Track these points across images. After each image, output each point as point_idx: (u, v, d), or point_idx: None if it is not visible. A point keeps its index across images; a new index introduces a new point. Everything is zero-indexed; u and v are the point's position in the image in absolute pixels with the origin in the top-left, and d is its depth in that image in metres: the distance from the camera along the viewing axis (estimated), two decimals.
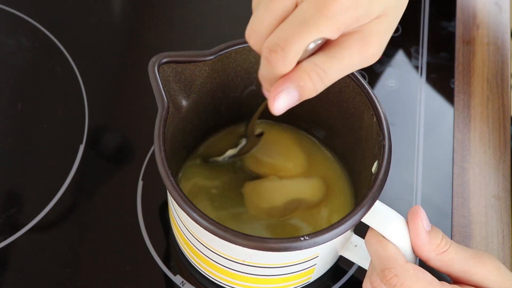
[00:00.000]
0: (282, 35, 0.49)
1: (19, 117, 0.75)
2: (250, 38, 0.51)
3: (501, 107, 0.78)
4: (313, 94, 0.51)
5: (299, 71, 0.50)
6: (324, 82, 0.50)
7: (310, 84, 0.50)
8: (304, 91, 0.50)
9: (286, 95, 0.50)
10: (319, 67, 0.50)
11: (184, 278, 0.67)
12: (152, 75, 0.58)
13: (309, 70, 0.50)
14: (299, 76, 0.50)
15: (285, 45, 0.48)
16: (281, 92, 0.50)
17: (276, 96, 0.50)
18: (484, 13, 0.85)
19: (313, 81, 0.50)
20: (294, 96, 0.50)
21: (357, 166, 0.64)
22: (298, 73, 0.50)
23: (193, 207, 0.54)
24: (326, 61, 0.50)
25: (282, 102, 0.51)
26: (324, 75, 0.50)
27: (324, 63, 0.50)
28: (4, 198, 0.71)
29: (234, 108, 0.67)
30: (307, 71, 0.50)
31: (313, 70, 0.50)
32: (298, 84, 0.50)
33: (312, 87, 0.50)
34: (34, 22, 0.81)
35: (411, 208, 0.57)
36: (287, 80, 0.50)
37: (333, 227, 0.54)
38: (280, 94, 0.50)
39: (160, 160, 0.56)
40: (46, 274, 0.67)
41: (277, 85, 0.50)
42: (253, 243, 0.53)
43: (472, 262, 0.56)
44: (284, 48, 0.48)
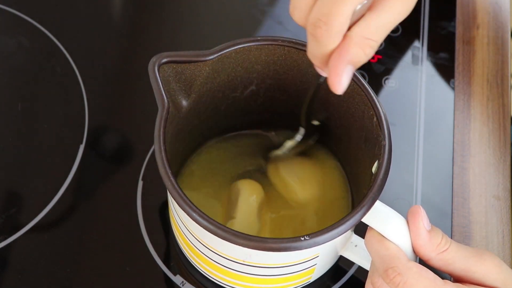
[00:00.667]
0: (323, 9, 0.49)
1: (19, 117, 0.75)
2: (294, 15, 0.52)
3: (501, 107, 0.78)
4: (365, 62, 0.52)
5: (354, 48, 0.50)
6: (375, 49, 0.51)
7: (364, 56, 0.51)
8: (359, 63, 0.51)
9: (347, 74, 0.51)
10: (370, 39, 0.50)
11: (184, 278, 0.67)
12: (152, 75, 0.58)
13: (363, 45, 0.50)
14: (355, 54, 0.50)
15: (327, 19, 0.49)
16: (343, 73, 0.51)
17: (340, 79, 0.51)
18: (484, 13, 0.85)
19: (366, 52, 0.51)
20: (352, 70, 0.51)
21: (357, 166, 0.64)
22: (353, 49, 0.50)
23: (194, 207, 0.54)
24: (375, 31, 0.50)
25: (345, 81, 0.51)
26: (375, 45, 0.51)
27: (374, 34, 0.50)
28: (4, 198, 0.71)
29: (234, 108, 0.67)
30: (361, 46, 0.50)
31: (366, 44, 0.50)
32: (353, 61, 0.50)
33: (365, 58, 0.51)
34: (34, 22, 0.81)
35: (411, 207, 0.57)
36: (343, 60, 0.50)
37: (333, 227, 0.54)
38: (342, 76, 0.51)
39: (161, 160, 0.56)
40: (46, 274, 0.67)
41: (336, 67, 0.51)
42: (253, 243, 0.53)
43: (473, 260, 0.56)
44: (327, 23, 0.49)
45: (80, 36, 0.81)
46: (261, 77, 0.64)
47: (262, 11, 0.84)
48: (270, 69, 0.64)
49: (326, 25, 0.49)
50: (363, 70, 0.79)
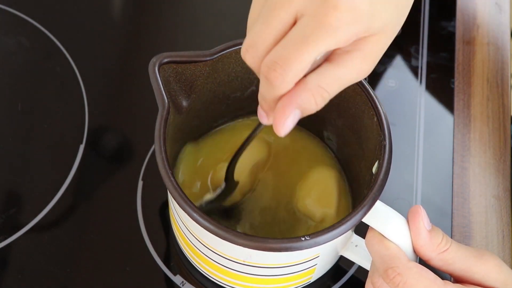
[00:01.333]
0: (282, 53, 0.47)
1: (19, 117, 0.75)
2: (247, 55, 0.50)
3: (501, 107, 0.78)
4: (313, 112, 0.50)
5: (305, 94, 0.49)
6: (325, 101, 0.50)
7: (314, 105, 0.49)
8: (307, 111, 0.50)
9: (292, 118, 0.50)
10: (324, 89, 0.49)
11: (184, 278, 0.67)
12: (152, 75, 0.58)
13: (315, 92, 0.49)
14: (306, 100, 0.49)
15: (284, 64, 0.47)
16: (289, 116, 0.49)
17: (284, 122, 0.50)
18: (484, 13, 0.85)
19: (317, 101, 0.49)
20: (298, 116, 0.50)
21: (358, 166, 0.64)
22: (304, 95, 0.49)
23: (194, 208, 0.54)
24: (330, 82, 0.49)
25: (289, 125, 0.50)
26: (327, 96, 0.50)
27: (328, 84, 0.49)
28: (4, 198, 0.71)
29: (234, 109, 0.67)
30: (313, 93, 0.49)
31: (318, 93, 0.49)
32: (302, 107, 0.49)
33: (315, 107, 0.50)
34: (34, 22, 0.81)
35: (411, 207, 0.57)
36: (293, 104, 0.49)
37: (334, 227, 0.54)
38: (288, 119, 0.49)
39: (161, 160, 0.55)
40: (46, 274, 0.67)
41: (283, 110, 0.49)
42: (253, 243, 0.53)
43: (473, 260, 0.56)
44: (284, 67, 0.47)
45: (80, 36, 0.81)
46: None
47: None
48: None
49: (282, 69, 0.47)
50: None
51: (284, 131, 0.50)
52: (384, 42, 0.50)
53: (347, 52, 0.49)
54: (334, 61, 0.49)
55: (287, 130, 0.50)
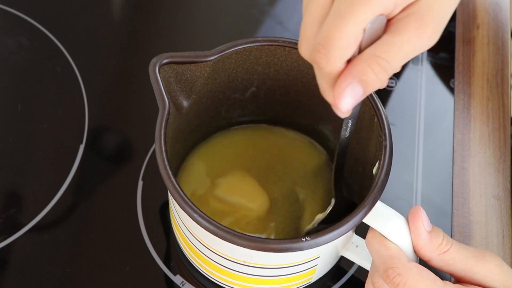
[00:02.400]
0: (322, 34, 0.46)
1: (19, 117, 0.75)
2: (301, 49, 0.49)
3: (501, 107, 0.78)
4: (378, 87, 0.48)
5: (360, 65, 0.47)
6: (387, 71, 0.47)
7: (374, 76, 0.47)
8: (368, 84, 0.47)
9: (351, 92, 0.47)
10: (380, 58, 0.47)
11: (184, 278, 0.67)
12: (153, 75, 0.58)
13: (371, 62, 0.47)
14: (361, 70, 0.47)
15: (325, 43, 0.46)
16: (345, 89, 0.47)
17: (340, 95, 0.47)
18: (484, 13, 0.85)
19: (376, 72, 0.47)
20: (359, 91, 0.47)
21: (359, 166, 0.64)
22: (359, 66, 0.47)
23: (195, 208, 0.54)
24: (386, 50, 0.47)
25: (347, 101, 0.48)
26: (386, 65, 0.47)
27: (384, 52, 0.47)
28: (4, 198, 0.71)
29: (235, 110, 0.67)
30: (369, 63, 0.47)
31: (375, 62, 0.47)
32: (361, 79, 0.47)
33: (376, 79, 0.47)
34: (34, 22, 0.81)
35: (411, 208, 0.57)
36: (348, 75, 0.47)
37: (335, 228, 0.54)
38: (344, 92, 0.47)
39: (162, 161, 0.55)
40: (46, 274, 0.67)
41: (339, 82, 0.47)
42: (254, 244, 0.53)
43: (474, 260, 0.56)
44: (325, 46, 0.46)
45: (80, 36, 0.81)
46: (261, 78, 0.64)
47: (262, 11, 0.84)
48: (271, 70, 0.64)
49: (325, 48, 0.46)
50: None
51: (342, 106, 0.48)
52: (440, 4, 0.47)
53: (401, 19, 0.47)
54: (390, 30, 0.47)
55: (345, 106, 0.48)
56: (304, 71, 0.63)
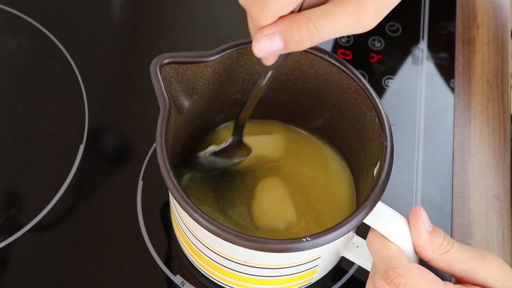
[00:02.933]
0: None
1: (19, 117, 0.75)
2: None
3: (501, 107, 0.78)
4: (299, 48, 0.49)
5: (288, 20, 0.48)
6: (312, 38, 0.49)
7: (297, 36, 0.48)
8: (289, 41, 0.49)
9: (270, 40, 0.49)
10: (310, 21, 0.48)
11: (184, 278, 0.67)
12: (154, 75, 0.58)
13: (300, 23, 0.48)
14: (287, 25, 0.48)
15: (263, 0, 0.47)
16: (264, 37, 0.49)
17: (258, 39, 0.49)
18: (484, 13, 0.85)
19: (301, 34, 0.48)
20: (279, 44, 0.49)
21: (359, 167, 0.64)
22: (287, 21, 0.48)
23: (195, 208, 0.54)
24: (319, 17, 0.48)
25: (264, 46, 0.49)
26: (314, 31, 0.48)
27: (317, 18, 0.48)
28: (4, 198, 0.71)
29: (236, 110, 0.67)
30: (297, 23, 0.48)
31: (303, 23, 0.48)
32: (284, 33, 0.48)
33: (299, 40, 0.49)
34: (34, 22, 0.81)
35: (412, 208, 0.57)
36: (274, 26, 0.48)
37: (335, 228, 0.54)
38: (264, 38, 0.49)
39: (162, 161, 0.55)
40: (46, 274, 0.67)
41: (264, 29, 0.49)
42: (255, 244, 0.53)
43: (475, 261, 0.56)
44: (263, 2, 0.47)
45: (80, 36, 0.81)
46: None
47: None
48: None
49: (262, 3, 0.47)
50: (363, 70, 0.79)
51: (258, 50, 0.49)
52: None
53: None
54: (331, 1, 0.49)
55: (260, 51, 0.49)
56: (305, 71, 0.63)
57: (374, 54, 0.81)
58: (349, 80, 0.61)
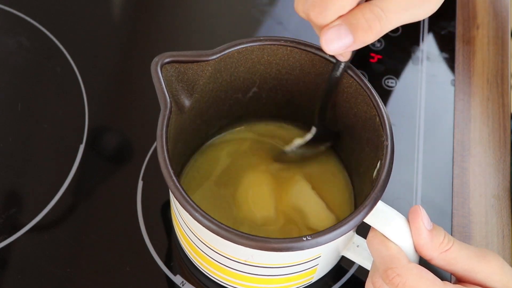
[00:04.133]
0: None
1: (19, 117, 0.75)
2: (297, 7, 0.49)
3: (501, 107, 0.78)
4: (368, 37, 0.47)
5: (356, 10, 0.46)
6: (381, 22, 0.47)
7: (364, 22, 0.46)
8: (357, 30, 0.47)
9: (336, 32, 0.47)
10: (375, 6, 0.46)
11: (185, 278, 0.67)
12: (154, 74, 0.58)
13: (364, 8, 0.46)
14: (352, 14, 0.46)
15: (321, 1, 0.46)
16: (331, 28, 0.47)
17: (325, 33, 0.47)
18: (484, 13, 0.85)
19: (368, 19, 0.46)
20: (345, 34, 0.47)
21: (359, 167, 0.64)
22: (354, 11, 0.46)
23: (196, 207, 0.54)
24: (387, 3, 0.46)
25: (331, 39, 0.47)
26: (380, 13, 0.46)
27: (382, 2, 0.46)
28: (4, 198, 0.71)
29: (237, 110, 0.67)
30: (361, 9, 0.46)
31: (368, 8, 0.46)
32: (350, 22, 0.46)
33: (367, 27, 0.46)
34: (34, 22, 0.81)
35: (411, 207, 0.57)
36: (339, 19, 0.47)
37: (336, 228, 0.54)
38: (329, 30, 0.47)
39: (163, 159, 0.55)
40: (46, 274, 0.67)
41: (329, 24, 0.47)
42: (255, 243, 0.53)
43: (476, 260, 0.56)
44: (321, 4, 0.46)
45: (80, 36, 0.81)
46: (263, 78, 0.64)
47: (262, 11, 0.84)
48: (273, 69, 0.64)
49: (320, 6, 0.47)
50: (363, 70, 0.79)
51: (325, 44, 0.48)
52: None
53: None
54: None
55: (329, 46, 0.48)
56: (306, 70, 0.63)
57: (374, 54, 0.81)
58: (350, 79, 0.61)
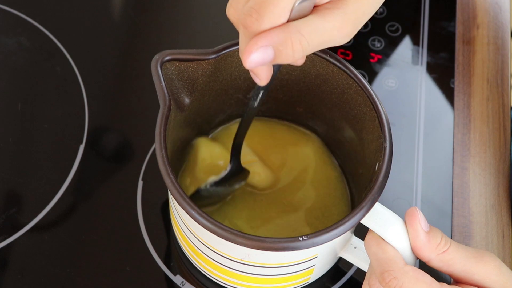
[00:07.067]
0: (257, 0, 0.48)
1: (19, 117, 0.75)
2: (230, 10, 0.50)
3: (501, 107, 0.78)
4: (288, 61, 0.49)
5: (283, 34, 0.48)
6: (304, 52, 0.49)
7: (290, 51, 0.48)
8: (281, 55, 0.49)
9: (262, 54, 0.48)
10: (303, 36, 0.48)
11: (184, 278, 0.67)
12: (154, 72, 0.58)
13: (294, 38, 0.48)
14: (282, 40, 0.48)
15: (260, 8, 0.47)
16: (258, 48, 0.48)
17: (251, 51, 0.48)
18: (484, 13, 0.85)
19: (294, 46, 0.48)
20: (269, 56, 0.48)
21: (359, 168, 0.64)
22: (281, 35, 0.48)
23: (192, 205, 0.54)
24: (311, 31, 0.48)
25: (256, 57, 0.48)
26: (306, 46, 0.49)
27: (309, 33, 0.48)
28: (4, 198, 0.71)
29: (237, 109, 0.67)
30: (291, 38, 0.48)
31: (298, 39, 0.48)
32: (277, 47, 0.48)
33: (291, 54, 0.49)
34: (34, 22, 0.81)
35: (408, 209, 0.57)
36: (267, 38, 0.48)
37: (332, 228, 0.54)
38: (256, 51, 0.48)
39: (161, 157, 0.55)
40: (46, 274, 0.67)
41: (256, 39, 0.48)
42: (251, 242, 0.53)
43: (474, 261, 0.56)
44: (259, 11, 0.47)
45: (80, 36, 0.81)
46: None
47: None
48: None
49: (258, 13, 0.47)
50: (363, 70, 0.79)
51: (248, 62, 0.49)
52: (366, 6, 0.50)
53: (328, 9, 0.49)
54: (317, 13, 0.49)
55: (251, 63, 0.49)
56: (306, 71, 0.63)
57: (374, 54, 0.81)
58: (350, 80, 0.61)
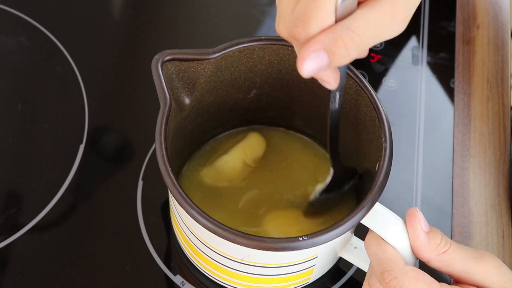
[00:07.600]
0: (300, 8, 0.47)
1: (19, 117, 0.75)
2: (279, 29, 0.49)
3: (501, 107, 0.78)
4: (346, 62, 0.48)
5: (333, 35, 0.47)
6: (358, 48, 0.47)
7: (344, 50, 0.47)
8: (335, 56, 0.47)
9: (315, 58, 0.47)
10: (354, 32, 0.47)
11: (184, 278, 0.67)
12: (155, 72, 0.58)
13: (344, 36, 0.47)
14: (333, 41, 0.47)
15: (304, 16, 0.46)
16: (310, 54, 0.47)
17: (304, 58, 0.47)
18: (484, 13, 0.85)
19: (348, 47, 0.47)
20: (324, 60, 0.47)
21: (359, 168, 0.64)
22: (331, 37, 0.47)
23: (193, 205, 0.54)
24: (361, 25, 0.47)
25: (310, 66, 0.47)
26: (359, 41, 0.47)
27: (358, 28, 0.47)
28: (4, 198, 0.71)
29: (238, 109, 0.67)
30: (342, 36, 0.47)
31: (348, 36, 0.47)
32: (329, 49, 0.47)
33: (346, 54, 0.47)
34: (34, 22, 0.81)
35: (408, 210, 0.57)
36: (319, 42, 0.47)
37: (332, 228, 0.54)
38: (309, 57, 0.47)
39: (161, 157, 0.55)
40: (46, 274, 0.67)
41: (307, 46, 0.47)
42: (251, 242, 0.53)
43: (473, 261, 0.56)
44: (304, 20, 0.46)
45: (80, 36, 0.81)
46: (264, 77, 0.64)
47: (262, 11, 0.84)
48: (274, 69, 0.64)
49: (303, 21, 0.46)
50: (363, 70, 0.79)
51: (304, 70, 0.47)
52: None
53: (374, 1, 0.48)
54: (364, 6, 0.48)
55: (307, 71, 0.48)
56: None
57: (374, 54, 0.81)
58: (350, 80, 0.61)
